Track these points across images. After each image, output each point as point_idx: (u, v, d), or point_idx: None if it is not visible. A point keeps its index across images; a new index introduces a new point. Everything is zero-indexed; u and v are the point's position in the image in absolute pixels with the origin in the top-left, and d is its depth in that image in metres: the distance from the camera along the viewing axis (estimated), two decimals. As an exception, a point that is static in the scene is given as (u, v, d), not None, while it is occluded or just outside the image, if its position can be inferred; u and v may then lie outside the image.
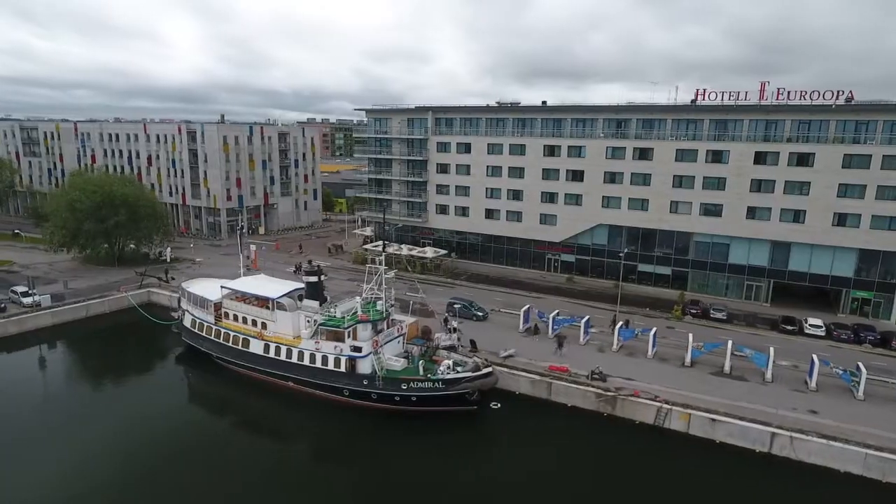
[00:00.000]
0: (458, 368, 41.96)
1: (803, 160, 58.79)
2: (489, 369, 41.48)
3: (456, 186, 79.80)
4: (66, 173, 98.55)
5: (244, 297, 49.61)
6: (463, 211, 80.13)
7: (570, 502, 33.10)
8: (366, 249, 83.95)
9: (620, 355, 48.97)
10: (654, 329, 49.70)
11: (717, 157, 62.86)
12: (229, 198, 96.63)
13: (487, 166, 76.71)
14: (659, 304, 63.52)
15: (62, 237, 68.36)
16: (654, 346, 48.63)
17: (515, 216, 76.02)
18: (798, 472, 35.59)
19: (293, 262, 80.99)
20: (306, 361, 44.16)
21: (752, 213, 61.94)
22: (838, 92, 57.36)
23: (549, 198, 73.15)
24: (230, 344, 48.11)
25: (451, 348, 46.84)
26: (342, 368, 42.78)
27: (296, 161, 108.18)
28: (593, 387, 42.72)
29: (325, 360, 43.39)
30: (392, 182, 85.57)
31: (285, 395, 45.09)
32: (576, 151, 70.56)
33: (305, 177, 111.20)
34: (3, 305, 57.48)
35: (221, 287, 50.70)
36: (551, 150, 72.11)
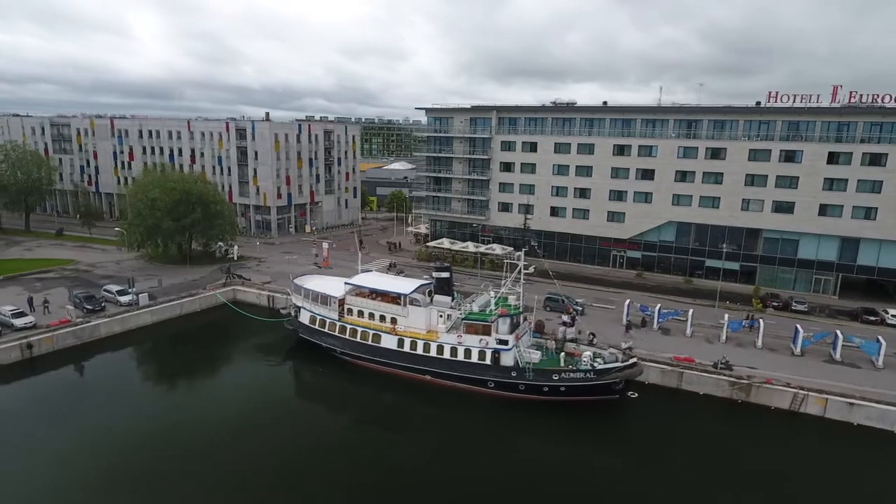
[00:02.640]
0: (598, 360, 43.73)
1: (876, 160, 62.25)
2: (634, 360, 43.38)
3: (520, 185, 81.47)
4: (132, 172, 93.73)
5: (369, 293, 50.49)
6: (527, 209, 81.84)
7: (733, 479, 35.19)
8: (427, 246, 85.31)
9: (730, 346, 51.40)
10: (760, 320, 52.36)
11: (789, 156, 65.97)
12: (279, 195, 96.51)
13: (554, 165, 78.64)
14: (732, 298, 66.21)
15: (141, 235, 67.81)
16: (761, 336, 51.22)
17: (582, 214, 78.15)
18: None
19: (362, 260, 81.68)
20: (446, 355, 45.41)
21: (823, 210, 65.23)
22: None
23: (618, 196, 75.48)
24: (358, 339, 48.97)
25: (573, 341, 48.83)
26: (487, 361, 44.18)
27: (338, 159, 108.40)
28: (725, 375, 45.05)
29: (468, 353, 44.71)
30: (452, 180, 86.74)
31: (414, 388, 46.00)
32: (646, 151, 72.97)
33: (347, 175, 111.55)
34: (102, 305, 57.09)
35: (345, 283, 51.48)
36: (621, 150, 74.41)
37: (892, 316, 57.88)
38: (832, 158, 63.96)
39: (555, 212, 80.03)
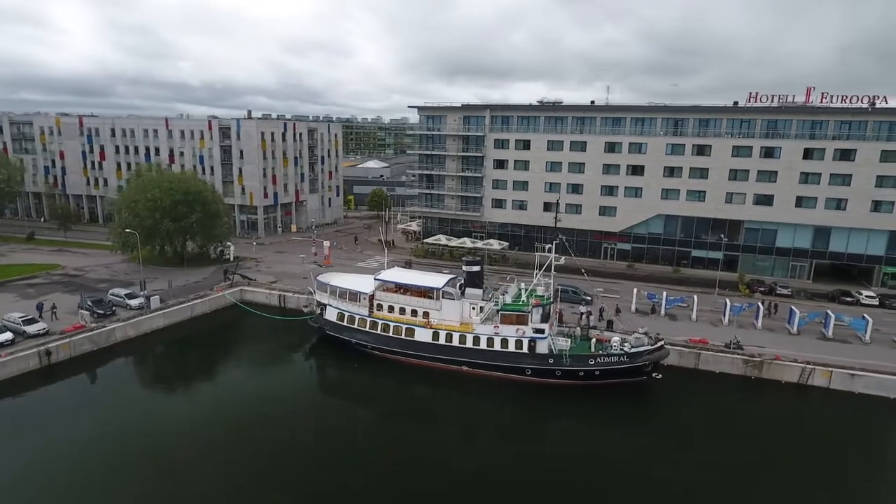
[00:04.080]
0: (626, 345, 46.50)
1: (846, 155, 68.32)
2: (662, 342, 46.40)
3: (514, 181, 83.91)
4: (133, 170, 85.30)
5: (399, 288, 51.45)
6: (520, 205, 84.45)
7: (761, 447, 38.75)
8: (424, 243, 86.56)
9: (733, 328, 55.49)
10: (758, 304, 56.80)
11: (769, 152, 71.30)
12: (266, 195, 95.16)
13: (547, 162, 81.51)
14: (717, 285, 70.95)
15: (139, 237, 65.67)
16: (759, 317, 55.62)
17: (575, 209, 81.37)
18: (927, 411, 43.44)
19: (362, 258, 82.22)
20: (483, 345, 47.09)
21: (799, 202, 70.92)
22: (874, 97, 67.10)
23: (609, 191, 79.16)
24: (391, 334, 49.89)
25: (593, 327, 51.64)
26: (524, 349, 46.19)
27: (322, 158, 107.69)
28: (738, 354, 48.86)
29: (504, 342, 46.55)
30: (444, 178, 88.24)
31: (448, 379, 47.35)
32: (636, 148, 76.90)
33: (330, 174, 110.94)
34: (113, 309, 55.41)
35: (375, 279, 52.20)
36: (612, 147, 78.06)
37: (866, 297, 63.82)
38: (807, 154, 69.65)
39: (548, 207, 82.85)
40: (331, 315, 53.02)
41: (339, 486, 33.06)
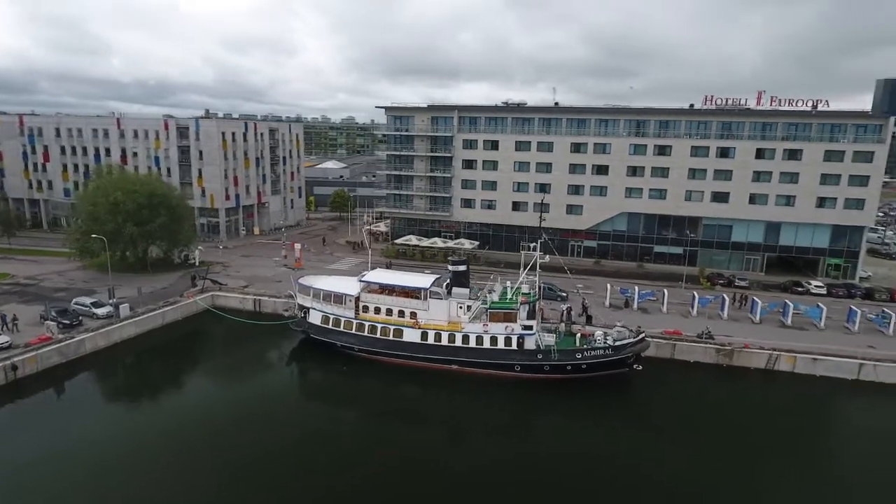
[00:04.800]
0: (609, 338, 48.28)
1: (794, 155, 73.20)
2: (643, 334, 48.42)
3: (483, 181, 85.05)
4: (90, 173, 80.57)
5: (384, 290, 51.39)
6: (489, 204, 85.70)
7: (738, 427, 41.43)
8: (394, 244, 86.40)
9: (701, 319, 58.48)
10: (723, 296, 60.14)
11: (724, 152, 75.47)
12: (228, 197, 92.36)
13: (515, 162, 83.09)
14: (680, 278, 74.53)
15: (98, 243, 62.41)
16: (725, 308, 58.91)
17: (543, 207, 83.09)
18: (879, 389, 47.33)
19: (332, 260, 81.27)
20: (472, 343, 47.78)
21: (752, 198, 75.42)
22: (817, 101, 72.19)
23: (575, 190, 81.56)
24: (378, 336, 49.79)
25: (574, 322, 53.33)
26: (513, 346, 47.19)
27: (283, 158, 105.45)
28: (710, 344, 51.66)
29: (493, 340, 47.42)
30: (413, 178, 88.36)
31: (437, 378, 47.75)
32: (601, 148, 79.59)
33: (292, 174, 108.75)
34: (79, 319, 52.63)
35: (360, 281, 51.88)
36: (577, 148, 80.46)
37: (815, 287, 68.67)
38: (759, 154, 74.17)
39: (516, 206, 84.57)
40: (315, 318, 52.32)
41: (328, 488, 33.02)
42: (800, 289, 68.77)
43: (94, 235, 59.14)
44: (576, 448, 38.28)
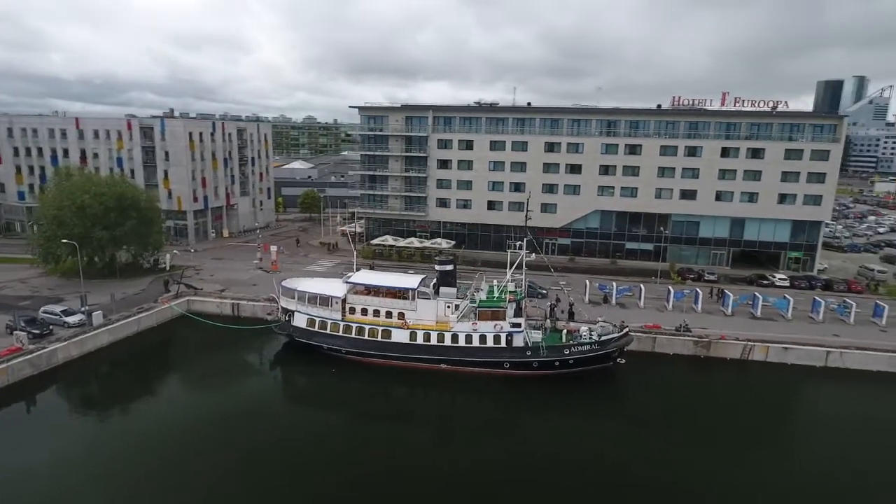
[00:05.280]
0: (594, 334, 49.44)
1: (756, 154, 76.46)
2: (626, 329, 49.75)
3: (458, 181, 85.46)
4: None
5: (370, 291, 51.13)
6: (465, 203, 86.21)
7: (718, 412, 43.26)
8: (370, 244, 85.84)
9: (676, 312, 60.50)
10: (697, 290, 62.34)
11: (692, 151, 78.15)
12: (196, 199, 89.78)
13: (490, 161, 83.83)
14: (652, 273, 76.84)
15: (65, 247, 59.73)
16: (700, 302, 61.12)
17: (517, 206, 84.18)
18: (842, 375, 50.08)
19: (307, 262, 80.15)
20: (461, 342, 48.11)
21: (719, 196, 78.40)
22: (777, 102, 75.65)
23: (550, 189, 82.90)
24: (366, 337, 49.51)
25: (558, 319, 54.33)
26: (502, 344, 47.75)
27: (252, 159, 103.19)
28: (688, 336, 53.53)
29: (483, 338, 47.86)
30: (388, 178, 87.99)
31: (427, 378, 47.89)
32: (574, 147, 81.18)
33: (261, 175, 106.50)
34: (49, 328, 50.34)
35: (346, 283, 51.42)
36: (551, 147, 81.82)
37: (779, 279, 71.95)
38: (724, 153, 77.17)
39: (492, 205, 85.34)
40: (299, 321, 51.58)
41: (316, 492, 32.98)
42: (765, 281, 71.94)
43: (64, 240, 56.48)
44: (566, 445, 38.68)
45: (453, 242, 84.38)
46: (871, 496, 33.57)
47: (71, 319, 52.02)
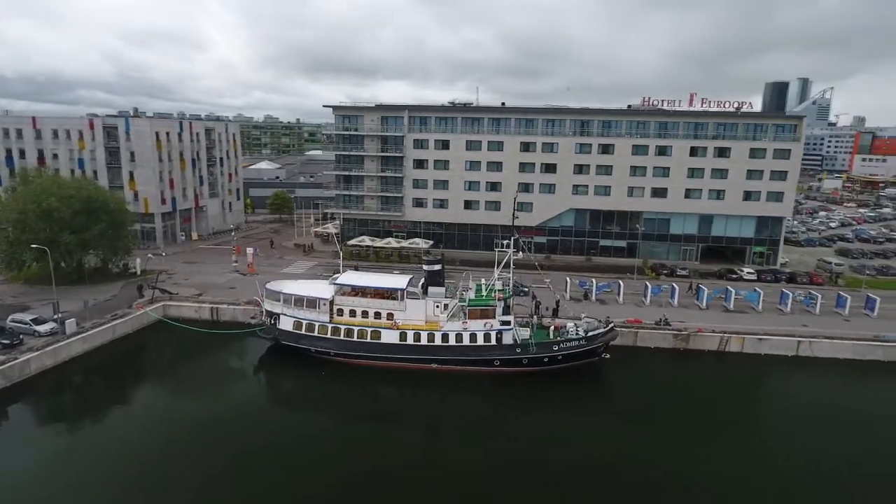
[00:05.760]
0: (580, 330, 50.48)
1: (723, 153, 79.39)
2: (612, 325, 50.95)
3: (434, 181, 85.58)
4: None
5: (357, 292, 50.79)
6: (441, 203, 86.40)
7: (700, 402, 44.98)
8: (347, 245, 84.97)
9: (653, 307, 62.34)
10: (673, 285, 64.39)
11: (662, 151, 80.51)
12: (164, 201, 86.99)
13: (466, 161, 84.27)
14: (626, 269, 78.81)
15: (32, 253, 56.94)
16: (676, 297, 63.14)
17: (494, 206, 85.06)
18: (812, 363, 52.65)
19: (283, 264, 78.83)
20: (452, 341, 48.35)
21: (688, 193, 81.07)
22: (742, 102, 78.78)
23: (525, 188, 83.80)
24: (356, 339, 49.17)
25: (543, 316, 55.25)
26: (492, 342, 48.22)
27: (220, 159, 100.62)
28: (668, 330, 55.25)
29: (473, 337, 48.23)
30: (364, 178, 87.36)
31: (418, 379, 48.07)
32: (549, 147, 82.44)
33: (230, 176, 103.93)
34: (20, 338, 48.02)
35: (334, 284, 50.89)
36: (526, 147, 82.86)
37: (747, 273, 74.99)
38: (693, 152, 79.81)
39: (468, 205, 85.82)
40: (286, 324, 50.76)
41: (304, 496, 32.82)
42: (733, 275, 74.85)
43: (33, 245, 53.96)
44: (556, 442, 38.94)
45: (431, 242, 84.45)
46: (845, 484, 35.13)
47: (42, 328, 49.77)
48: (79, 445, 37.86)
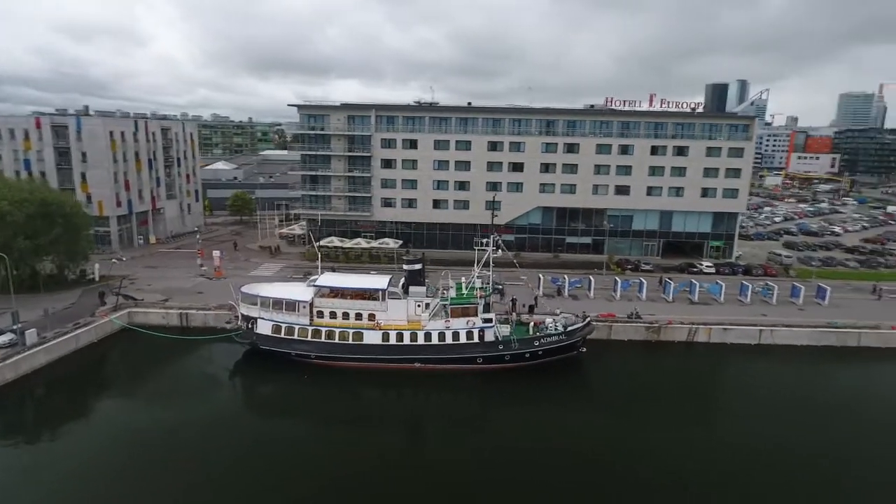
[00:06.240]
0: (558, 325, 51.58)
1: (681, 151, 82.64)
2: (589, 319, 52.28)
3: (403, 180, 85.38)
4: None
5: (336, 293, 50.23)
6: (410, 203, 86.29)
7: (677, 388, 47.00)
8: (313, 246, 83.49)
9: (623, 301, 64.30)
10: (641, 280, 66.61)
11: (625, 150, 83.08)
12: (119, 203, 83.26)
13: (434, 160, 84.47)
14: (592, 265, 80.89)
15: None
16: (644, 291, 65.33)
17: (463, 204, 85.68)
18: (774, 350, 55.69)
19: (251, 267, 76.93)
20: (435, 340, 48.51)
21: (649, 191, 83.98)
22: (698, 104, 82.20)
23: (493, 187, 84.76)
24: (337, 341, 48.63)
25: (519, 313, 56.20)
26: (475, 339, 48.67)
27: (178, 160, 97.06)
28: (640, 323, 57.19)
29: (456, 335, 48.55)
30: (331, 178, 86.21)
31: (399, 379, 48.01)
32: (516, 147, 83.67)
33: (188, 177, 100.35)
34: (-27, 350, 45.12)
35: (314, 286, 50.09)
36: (494, 146, 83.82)
37: (706, 267, 78.40)
38: (654, 151, 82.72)
39: (437, 204, 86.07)
40: (264, 328, 49.66)
41: (290, 497, 32.68)
42: (694, 269, 78.09)
43: None
44: (540, 439, 39.30)
45: (401, 242, 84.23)
46: (815, 466, 37.49)
47: (0, 339, 46.85)
48: (45, 462, 35.66)
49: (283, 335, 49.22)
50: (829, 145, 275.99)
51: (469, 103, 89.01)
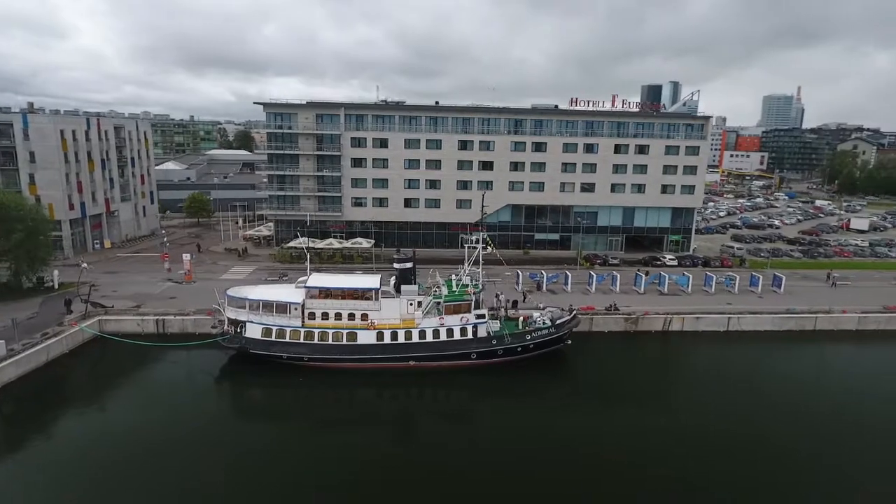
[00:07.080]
0: (545, 319, 53.10)
1: (643, 150, 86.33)
2: (574, 312, 54.00)
3: (373, 179, 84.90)
4: None
5: (327, 294, 49.68)
6: (381, 202, 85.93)
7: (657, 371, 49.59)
8: (285, 247, 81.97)
9: (598, 294, 66.72)
10: (613, 273, 69.28)
11: (589, 148, 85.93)
12: (72, 206, 78.55)
13: (405, 159, 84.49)
14: (561, 261, 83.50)
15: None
16: (617, 283, 68.01)
17: (434, 203, 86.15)
18: (741, 336, 59.48)
19: (220, 270, 74.47)
20: (429, 338, 48.88)
21: (613, 188, 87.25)
22: (655, 104, 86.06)
23: (464, 185, 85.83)
24: (331, 342, 48.13)
25: (506, 309, 57.42)
26: (469, 335, 49.36)
27: (132, 160, 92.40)
28: (618, 314, 59.61)
29: (450, 332, 49.09)
30: (299, 178, 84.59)
31: (393, 377, 48.24)
32: (485, 145, 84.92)
33: (142, 178, 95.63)
34: (-62, 365, 41.75)
35: (304, 287, 49.26)
36: (464, 145, 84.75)
37: (669, 260, 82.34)
38: (617, 149, 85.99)
39: (408, 203, 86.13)
40: (253, 332, 48.44)
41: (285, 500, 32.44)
42: (658, 262, 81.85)
43: None
44: (536, 430, 40.15)
45: (373, 241, 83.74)
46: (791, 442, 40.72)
47: (-38, 353, 43.57)
48: (27, 481, 33.75)
49: (273, 338, 48.19)
50: (757, 144, 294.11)
51: (437, 102, 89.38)
